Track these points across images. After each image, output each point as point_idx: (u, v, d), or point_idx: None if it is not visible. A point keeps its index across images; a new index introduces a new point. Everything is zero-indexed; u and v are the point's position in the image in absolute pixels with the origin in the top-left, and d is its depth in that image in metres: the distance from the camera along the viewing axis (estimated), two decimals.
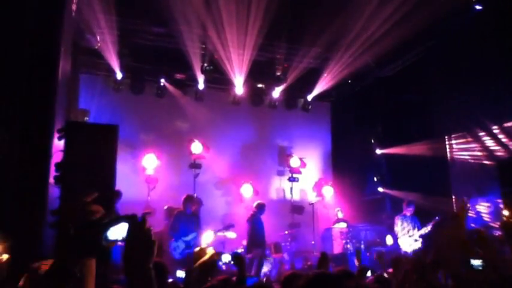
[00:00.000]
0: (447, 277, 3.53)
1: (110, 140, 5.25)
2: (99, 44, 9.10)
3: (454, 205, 10.26)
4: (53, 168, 5.19)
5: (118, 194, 6.72)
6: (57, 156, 5.32)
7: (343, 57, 10.00)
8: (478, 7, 7.85)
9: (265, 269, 8.63)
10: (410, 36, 8.64)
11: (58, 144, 5.47)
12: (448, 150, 10.80)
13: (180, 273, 4.12)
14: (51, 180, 5.12)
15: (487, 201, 9.22)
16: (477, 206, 9.40)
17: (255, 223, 8.92)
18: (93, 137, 5.33)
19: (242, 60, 10.12)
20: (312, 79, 11.07)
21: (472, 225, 9.02)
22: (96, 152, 5.25)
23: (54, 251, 5.25)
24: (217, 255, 3.89)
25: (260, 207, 9.13)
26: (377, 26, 8.61)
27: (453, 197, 10.42)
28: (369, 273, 4.06)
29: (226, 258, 6.67)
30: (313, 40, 9.59)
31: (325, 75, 10.75)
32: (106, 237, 2.33)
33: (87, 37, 9.06)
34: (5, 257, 3.64)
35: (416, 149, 10.27)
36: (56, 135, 5.42)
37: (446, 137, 10.87)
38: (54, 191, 5.29)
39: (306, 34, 9.39)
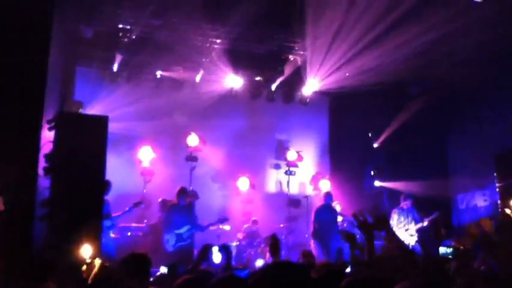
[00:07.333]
0: None
1: (99, 131, 5.24)
2: (94, 35, 9.03)
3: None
4: (42, 159, 5.16)
5: (108, 185, 6.67)
6: (47, 147, 5.30)
7: (342, 50, 9.87)
8: None
9: (260, 262, 8.62)
10: None
11: (48, 135, 5.45)
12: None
13: (163, 269, 4.15)
14: (41, 171, 5.09)
15: (483, 195, 9.18)
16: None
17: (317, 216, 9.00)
18: (83, 128, 5.31)
19: (240, 53, 10.05)
20: (310, 72, 10.95)
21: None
22: (85, 142, 5.22)
23: (45, 243, 5.23)
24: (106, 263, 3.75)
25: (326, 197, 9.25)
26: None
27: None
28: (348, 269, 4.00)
29: (215, 250, 6.69)
30: (312, 33, 9.49)
31: (324, 68, 10.64)
32: None
33: (83, 28, 8.99)
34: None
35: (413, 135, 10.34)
36: (46, 126, 5.39)
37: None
38: (43, 182, 5.27)
39: (304, 28, 9.28)
